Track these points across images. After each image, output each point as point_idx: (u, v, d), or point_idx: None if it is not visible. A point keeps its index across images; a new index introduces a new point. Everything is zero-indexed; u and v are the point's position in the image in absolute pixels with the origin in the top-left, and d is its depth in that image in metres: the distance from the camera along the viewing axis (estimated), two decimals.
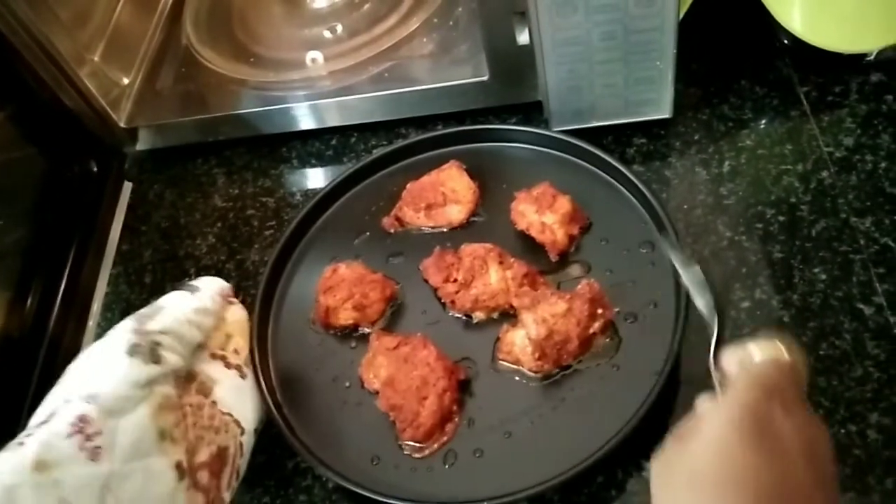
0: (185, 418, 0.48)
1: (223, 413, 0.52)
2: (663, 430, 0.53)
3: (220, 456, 0.50)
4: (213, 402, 0.51)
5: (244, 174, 0.76)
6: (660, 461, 0.39)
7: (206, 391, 0.51)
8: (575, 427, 0.52)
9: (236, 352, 0.56)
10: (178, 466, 0.46)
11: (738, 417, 0.37)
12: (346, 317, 0.60)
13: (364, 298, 0.59)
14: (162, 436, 0.46)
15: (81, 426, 0.43)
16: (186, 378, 0.51)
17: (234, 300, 0.59)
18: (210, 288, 0.54)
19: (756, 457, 0.35)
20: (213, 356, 0.54)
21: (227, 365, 0.54)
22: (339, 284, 0.60)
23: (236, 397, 0.53)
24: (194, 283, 0.54)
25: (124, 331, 0.48)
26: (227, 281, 0.67)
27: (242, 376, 0.55)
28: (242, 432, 0.52)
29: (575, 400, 0.54)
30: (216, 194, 0.76)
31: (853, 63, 0.68)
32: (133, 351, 0.46)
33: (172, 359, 0.48)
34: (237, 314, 0.58)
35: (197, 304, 0.52)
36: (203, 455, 0.49)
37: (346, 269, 0.61)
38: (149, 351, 0.47)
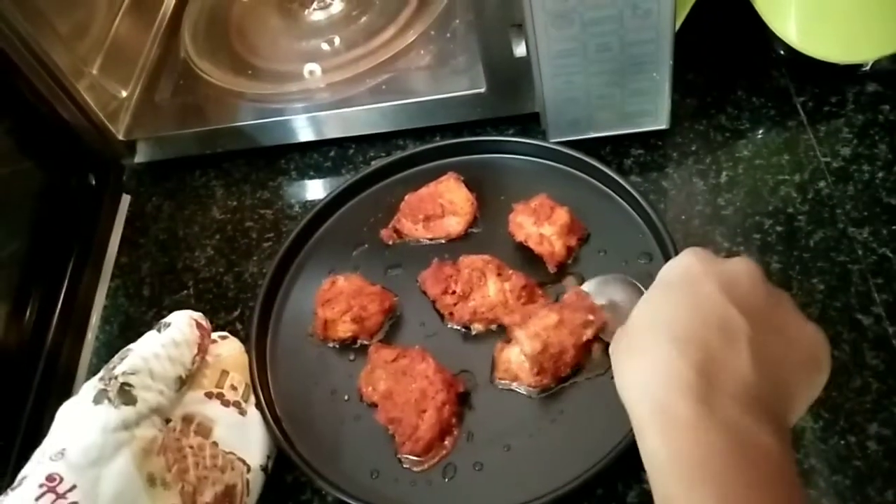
0: (184, 460, 0.48)
1: (226, 453, 0.51)
2: None
3: (228, 495, 0.49)
4: (215, 443, 0.51)
5: (242, 186, 0.76)
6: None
7: (205, 432, 0.51)
8: (574, 439, 0.52)
9: (233, 388, 0.55)
10: None
11: (661, 277, 0.43)
12: (344, 329, 0.59)
13: (363, 311, 0.59)
14: (151, 482, 0.45)
15: (51, 485, 0.42)
16: (184, 420, 0.50)
17: (227, 335, 0.59)
18: (179, 320, 0.53)
19: (672, 301, 0.40)
20: (209, 395, 0.53)
21: (225, 403, 0.54)
22: (337, 297, 0.60)
23: (237, 435, 0.53)
24: (165, 319, 0.53)
25: (92, 381, 0.47)
26: (227, 293, 0.69)
27: (242, 413, 0.54)
28: (248, 469, 0.52)
29: (574, 412, 0.54)
30: (214, 206, 0.76)
31: (849, 73, 0.69)
32: (99, 398, 0.45)
33: (149, 397, 0.47)
34: (231, 348, 0.57)
35: (165, 338, 0.51)
36: (208, 496, 0.48)
37: (344, 281, 0.61)
38: (118, 393, 0.46)
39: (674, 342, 0.37)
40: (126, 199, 0.79)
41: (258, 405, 0.56)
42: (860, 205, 0.62)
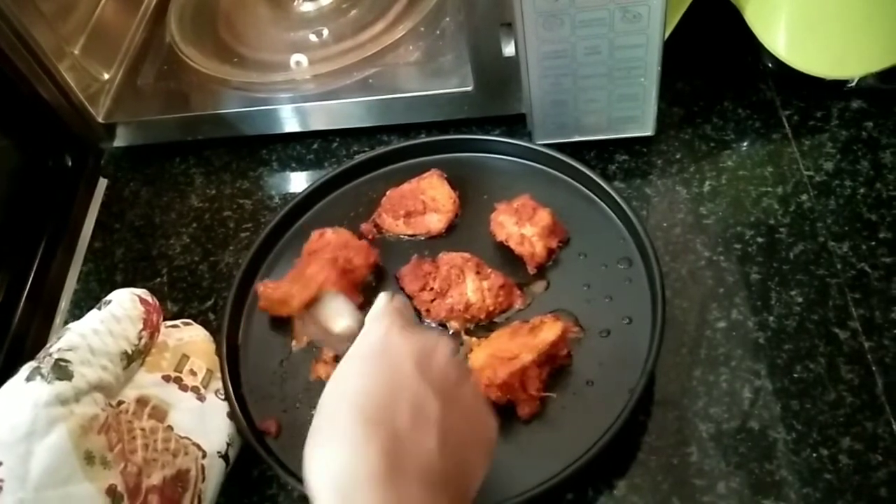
0: (133, 441, 0.47)
1: (180, 437, 0.50)
2: (636, 448, 0.53)
3: (180, 479, 0.48)
4: (169, 427, 0.50)
5: (222, 175, 0.75)
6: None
7: (160, 416, 0.50)
8: (547, 442, 0.52)
9: (192, 373, 0.54)
10: (111, 491, 0.44)
11: (358, 348, 0.43)
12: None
13: (347, 263, 0.59)
14: (89, 459, 0.44)
15: None
16: (139, 402, 0.49)
17: (191, 322, 0.58)
18: (120, 296, 0.52)
19: (366, 375, 0.40)
20: (167, 378, 0.52)
21: (183, 387, 0.53)
22: (324, 248, 0.60)
23: (194, 421, 0.52)
24: (107, 297, 0.52)
25: (30, 363, 0.46)
26: (201, 282, 0.67)
27: (200, 399, 0.54)
28: (204, 455, 0.51)
29: (548, 415, 0.53)
30: (193, 194, 0.74)
31: (835, 89, 0.69)
32: (32, 375, 0.44)
33: (88, 372, 0.46)
34: (193, 334, 0.57)
35: (105, 314, 0.50)
36: (156, 478, 0.47)
37: (332, 234, 0.61)
38: (52, 369, 0.44)
39: (363, 425, 0.38)
40: (103, 183, 0.78)
41: (226, 396, 0.55)
42: (841, 219, 0.62)
